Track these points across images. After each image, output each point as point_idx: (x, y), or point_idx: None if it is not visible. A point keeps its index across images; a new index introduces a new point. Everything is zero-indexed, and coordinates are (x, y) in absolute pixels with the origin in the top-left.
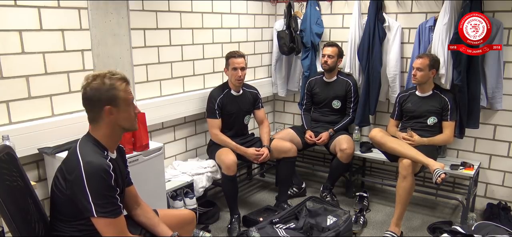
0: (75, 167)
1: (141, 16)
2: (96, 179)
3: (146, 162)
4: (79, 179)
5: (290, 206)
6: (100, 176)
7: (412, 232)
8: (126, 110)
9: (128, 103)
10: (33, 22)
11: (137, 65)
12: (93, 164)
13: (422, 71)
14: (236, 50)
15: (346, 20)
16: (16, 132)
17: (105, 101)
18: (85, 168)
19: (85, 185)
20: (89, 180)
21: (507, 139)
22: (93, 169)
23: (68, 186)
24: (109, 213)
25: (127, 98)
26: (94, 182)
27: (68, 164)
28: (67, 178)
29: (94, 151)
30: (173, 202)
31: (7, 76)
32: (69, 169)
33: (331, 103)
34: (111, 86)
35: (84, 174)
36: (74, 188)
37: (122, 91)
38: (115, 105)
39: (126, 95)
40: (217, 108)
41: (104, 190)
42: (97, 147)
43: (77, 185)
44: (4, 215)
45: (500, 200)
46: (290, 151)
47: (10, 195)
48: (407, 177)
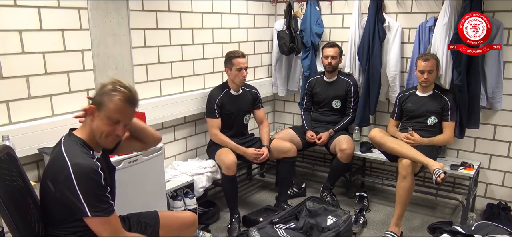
0: (63, 169)
1: (141, 16)
2: (86, 180)
3: (146, 162)
4: (69, 181)
5: (290, 206)
6: (89, 176)
7: (412, 232)
8: (104, 123)
9: (112, 119)
10: (33, 22)
11: (137, 65)
12: (82, 165)
13: (433, 72)
14: (237, 50)
15: (346, 20)
16: (16, 132)
17: (95, 102)
18: (73, 169)
19: (76, 186)
20: (79, 182)
21: (507, 139)
22: (82, 170)
23: (57, 189)
24: (102, 212)
25: (112, 115)
26: (84, 183)
27: (55, 166)
28: (57, 180)
29: (81, 151)
30: (173, 202)
31: (7, 76)
32: (57, 171)
33: (331, 103)
34: (108, 93)
35: (74, 176)
36: (65, 191)
37: (112, 104)
38: (100, 111)
39: (114, 110)
40: (216, 108)
41: (96, 190)
42: (83, 147)
43: (67, 188)
44: (4, 215)
45: (500, 200)
46: (290, 151)
47: (10, 195)
48: (407, 177)
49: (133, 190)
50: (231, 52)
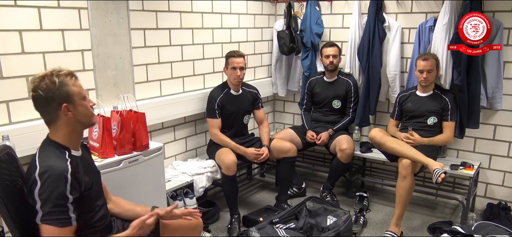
0: (32, 174)
1: (141, 16)
2: (47, 184)
3: (146, 162)
4: (33, 183)
5: (290, 206)
6: (53, 181)
7: (412, 232)
8: (82, 104)
9: (82, 97)
10: (33, 22)
11: (137, 65)
12: (49, 170)
13: (432, 72)
14: (236, 50)
15: (346, 20)
16: (16, 132)
17: (60, 100)
18: (39, 172)
19: (36, 189)
20: (41, 185)
21: (507, 139)
22: (47, 173)
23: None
24: (55, 221)
25: (80, 92)
26: (45, 187)
27: (28, 173)
28: (28, 186)
29: (53, 154)
30: (173, 202)
31: (7, 76)
32: (28, 177)
33: (331, 103)
34: (61, 83)
35: (38, 179)
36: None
37: (72, 86)
38: (71, 102)
39: (78, 89)
40: (217, 107)
41: (55, 197)
42: (57, 150)
43: (30, 190)
44: (4, 215)
45: (500, 200)
46: (289, 151)
47: (10, 195)
48: (407, 177)
49: (133, 190)
50: (229, 52)
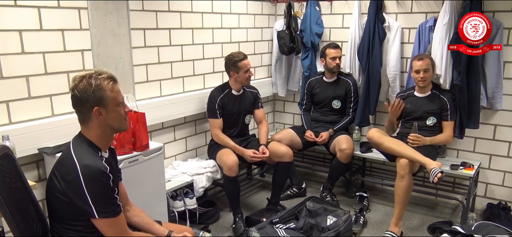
0: (72, 170)
1: (141, 16)
2: (94, 182)
3: (146, 162)
4: (78, 182)
5: (283, 208)
6: (98, 179)
7: (412, 232)
8: (115, 110)
9: (117, 103)
10: (33, 22)
11: (137, 65)
12: (91, 167)
13: (428, 72)
14: (239, 52)
15: (346, 20)
16: (16, 132)
17: (93, 102)
18: (82, 171)
19: (84, 188)
20: (87, 183)
21: (507, 139)
22: (91, 172)
23: (65, 188)
24: (110, 213)
25: (115, 97)
26: (93, 185)
27: (64, 166)
28: (66, 180)
29: (89, 152)
30: (173, 202)
31: (7, 76)
32: (66, 171)
33: (331, 103)
34: (98, 87)
35: (82, 178)
36: (73, 191)
37: (109, 91)
38: (104, 106)
39: (114, 94)
40: (217, 108)
41: (104, 192)
42: (91, 148)
43: (76, 188)
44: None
45: (500, 200)
46: (285, 156)
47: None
48: (405, 177)
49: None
50: (233, 57)
